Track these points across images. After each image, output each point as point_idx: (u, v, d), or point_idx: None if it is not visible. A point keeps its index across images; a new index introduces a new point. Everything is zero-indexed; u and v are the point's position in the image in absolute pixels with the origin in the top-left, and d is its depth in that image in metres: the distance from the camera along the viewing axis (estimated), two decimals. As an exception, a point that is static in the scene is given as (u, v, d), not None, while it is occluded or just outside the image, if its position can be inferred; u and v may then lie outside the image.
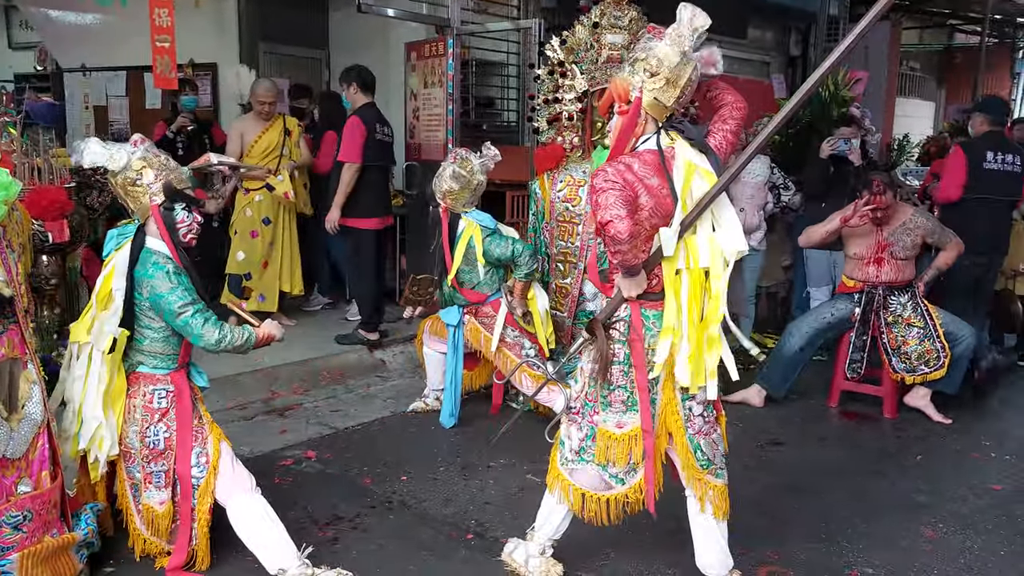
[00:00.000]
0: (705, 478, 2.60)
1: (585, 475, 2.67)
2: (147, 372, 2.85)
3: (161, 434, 2.83)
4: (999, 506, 3.57)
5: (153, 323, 2.81)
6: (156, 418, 2.83)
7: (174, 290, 2.76)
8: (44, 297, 4.21)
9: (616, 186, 2.37)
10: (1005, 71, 12.80)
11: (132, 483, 2.85)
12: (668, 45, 2.42)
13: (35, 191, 4.02)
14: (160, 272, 2.76)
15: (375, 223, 5.35)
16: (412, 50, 6.05)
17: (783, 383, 4.78)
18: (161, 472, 2.84)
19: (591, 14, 4.52)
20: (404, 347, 5.58)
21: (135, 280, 2.78)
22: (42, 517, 2.58)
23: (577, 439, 2.69)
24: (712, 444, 2.62)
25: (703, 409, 2.60)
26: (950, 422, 4.56)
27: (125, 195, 2.84)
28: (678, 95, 2.46)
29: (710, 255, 2.48)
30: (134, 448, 2.82)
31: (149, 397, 2.83)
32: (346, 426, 4.32)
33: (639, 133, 2.52)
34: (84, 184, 4.56)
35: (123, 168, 2.79)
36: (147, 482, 2.84)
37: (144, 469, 2.83)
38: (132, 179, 2.80)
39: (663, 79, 2.43)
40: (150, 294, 2.76)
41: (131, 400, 2.83)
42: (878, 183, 4.48)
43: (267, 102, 5.49)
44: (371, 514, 3.31)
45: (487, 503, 3.43)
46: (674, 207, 2.46)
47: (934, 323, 4.54)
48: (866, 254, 4.61)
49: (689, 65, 2.44)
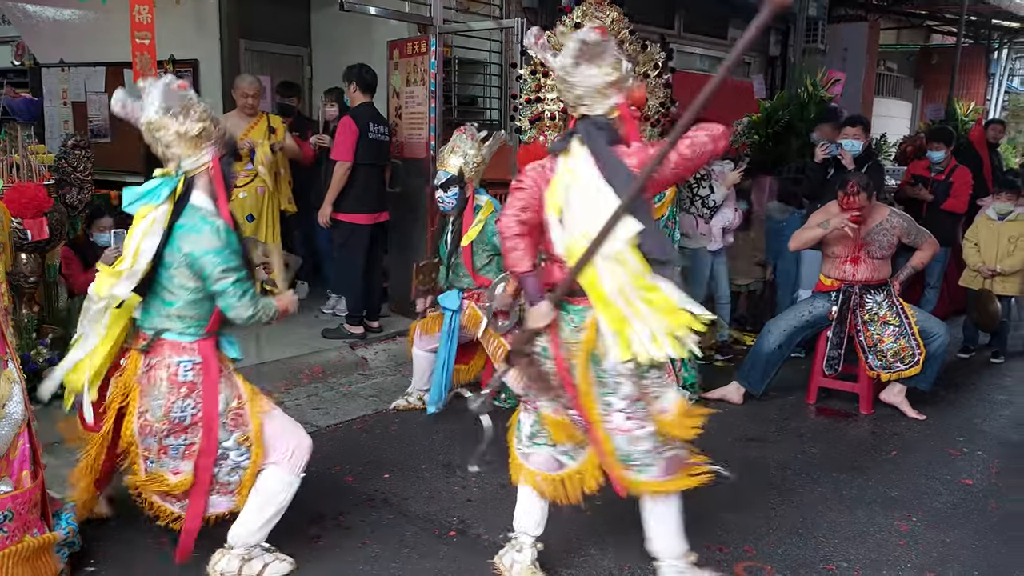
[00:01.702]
0: (623, 474, 2.61)
1: (539, 457, 2.76)
2: (173, 339, 2.68)
3: (188, 410, 2.68)
4: (970, 500, 3.65)
5: (187, 283, 2.63)
6: (183, 392, 2.67)
7: (221, 250, 2.59)
8: (23, 295, 4.19)
9: (521, 186, 2.60)
10: (980, 72, 12.98)
11: (146, 455, 2.73)
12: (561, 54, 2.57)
13: (14, 189, 4.00)
14: (208, 227, 2.59)
15: (366, 218, 5.44)
16: (395, 48, 6.05)
17: (762, 380, 4.84)
18: (181, 445, 2.70)
19: (573, 15, 4.55)
20: (387, 345, 5.60)
21: (173, 235, 2.61)
22: (22, 517, 2.57)
23: (528, 425, 2.78)
24: (633, 440, 2.58)
25: (626, 404, 2.57)
26: (924, 418, 4.63)
27: (177, 143, 2.62)
28: (578, 93, 2.55)
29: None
30: (155, 421, 2.68)
31: (174, 369, 2.67)
32: (328, 424, 4.33)
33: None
34: (63, 181, 4.53)
35: (189, 116, 2.61)
36: (162, 453, 2.71)
37: (162, 441, 2.70)
38: (193, 130, 2.61)
39: (560, 81, 2.60)
40: (192, 250, 2.58)
41: (154, 372, 2.68)
42: (852, 185, 4.54)
43: (250, 94, 5.48)
44: (354, 512, 3.33)
45: (469, 500, 3.46)
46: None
47: (909, 321, 4.61)
48: (843, 253, 4.68)
49: (576, 69, 2.51)
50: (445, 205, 4.33)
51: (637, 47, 4.60)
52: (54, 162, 4.57)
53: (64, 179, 4.54)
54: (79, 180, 4.61)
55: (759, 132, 6.65)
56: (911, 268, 4.76)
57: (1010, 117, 14.25)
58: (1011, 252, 5.64)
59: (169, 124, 2.59)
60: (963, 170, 6.26)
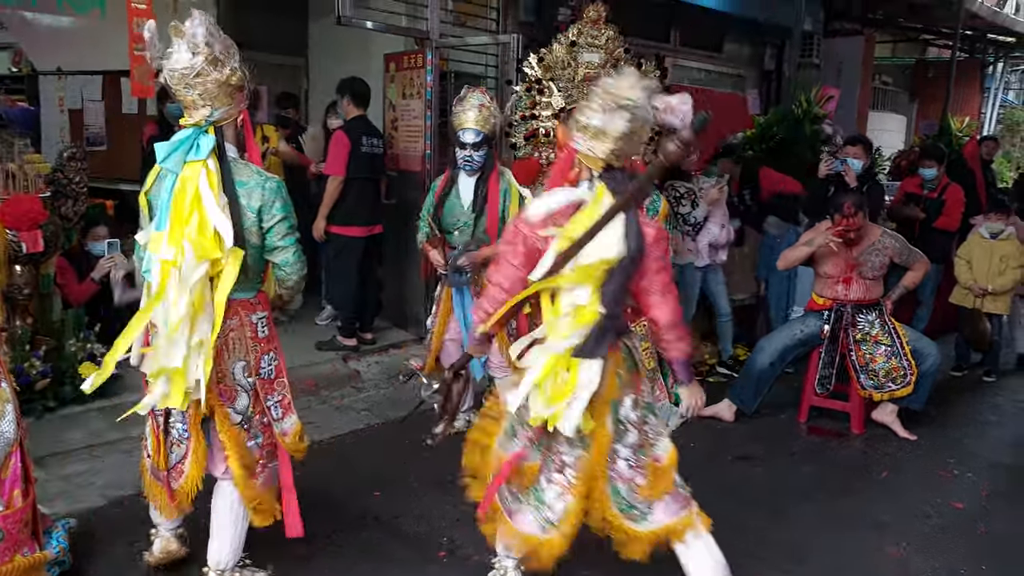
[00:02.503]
0: (623, 523, 2.57)
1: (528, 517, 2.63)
2: (242, 298, 2.62)
3: (272, 363, 2.70)
4: (961, 524, 3.66)
5: (253, 240, 2.59)
6: (264, 347, 2.68)
7: (285, 207, 2.59)
8: (17, 307, 4.19)
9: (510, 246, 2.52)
10: (975, 86, 13.05)
11: (237, 425, 2.65)
12: (595, 99, 2.39)
13: (9, 201, 4.01)
14: (272, 183, 2.58)
15: (360, 231, 5.47)
16: (391, 61, 6.07)
17: (753, 398, 4.85)
18: (277, 400, 2.73)
19: (568, 33, 4.59)
20: (380, 357, 5.61)
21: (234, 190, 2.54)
22: (13, 536, 2.57)
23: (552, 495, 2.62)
24: (634, 488, 2.56)
25: (631, 452, 2.56)
26: (916, 438, 4.65)
27: (216, 92, 2.51)
28: (612, 147, 2.39)
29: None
30: (241, 386, 2.64)
31: (253, 326, 2.65)
32: (320, 439, 4.32)
33: (573, 178, 2.52)
34: (59, 193, 4.53)
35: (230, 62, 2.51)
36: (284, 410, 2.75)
37: (264, 402, 2.68)
38: (234, 78, 2.52)
39: (591, 133, 2.40)
40: (261, 206, 2.56)
41: (233, 333, 2.61)
42: (848, 205, 4.57)
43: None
44: (344, 530, 3.33)
45: (459, 520, 3.45)
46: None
47: (901, 341, 4.64)
48: (835, 273, 4.70)
49: (618, 119, 2.36)
50: (472, 164, 4.07)
51: (632, 66, 4.63)
52: (50, 174, 4.57)
53: (59, 191, 4.54)
54: (74, 192, 4.60)
55: (754, 148, 6.67)
56: (903, 288, 4.79)
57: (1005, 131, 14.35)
58: (1002, 271, 5.67)
59: (210, 71, 2.48)
60: (955, 188, 6.29)
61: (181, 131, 2.56)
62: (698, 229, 5.46)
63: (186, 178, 2.52)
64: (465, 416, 4.43)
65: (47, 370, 4.09)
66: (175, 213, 2.50)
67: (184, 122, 2.57)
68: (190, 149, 2.53)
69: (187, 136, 2.54)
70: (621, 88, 2.36)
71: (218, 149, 2.55)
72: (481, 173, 4.09)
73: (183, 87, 2.51)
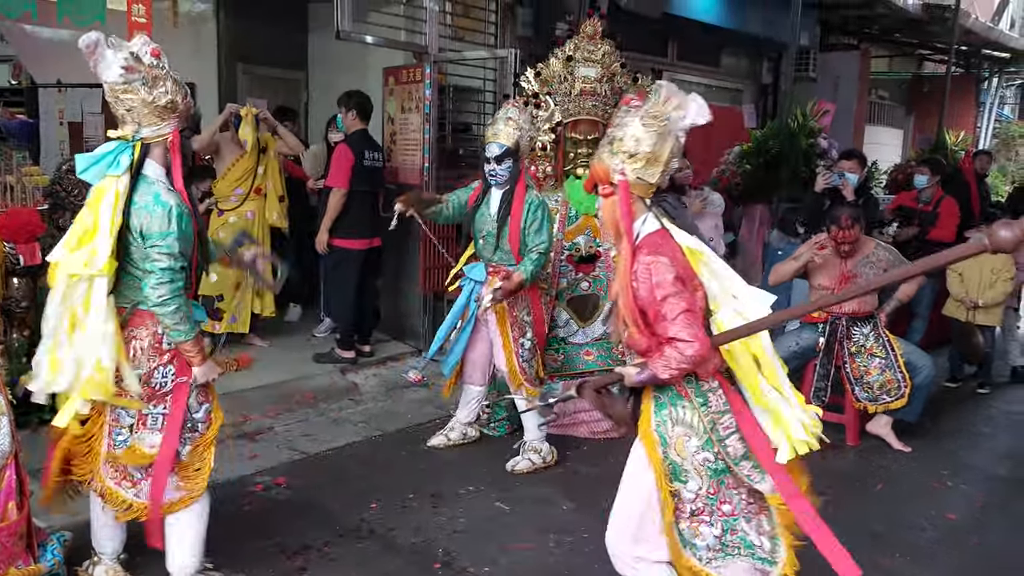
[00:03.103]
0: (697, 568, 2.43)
1: (734, 568, 2.46)
2: (148, 310, 2.66)
3: (169, 376, 2.71)
4: (954, 536, 3.68)
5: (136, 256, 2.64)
6: (166, 359, 2.70)
7: (166, 234, 2.58)
8: (14, 319, 4.20)
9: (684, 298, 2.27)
10: (971, 101, 13.13)
11: (116, 427, 2.70)
12: (644, 126, 2.30)
13: (7, 214, 4.03)
14: (161, 209, 2.58)
15: (359, 243, 5.51)
16: (390, 75, 6.12)
17: (749, 411, 4.86)
18: (160, 415, 2.71)
19: (565, 47, 4.62)
20: (377, 370, 5.62)
21: (129, 211, 2.58)
22: (8, 549, 2.58)
23: (712, 536, 2.44)
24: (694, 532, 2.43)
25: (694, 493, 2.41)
26: (910, 450, 4.66)
27: (141, 110, 2.58)
28: (662, 170, 2.35)
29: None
30: (132, 392, 2.66)
31: (159, 337, 2.68)
32: (317, 451, 4.34)
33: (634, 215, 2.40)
34: (57, 205, 4.55)
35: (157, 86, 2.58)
36: (141, 424, 2.70)
37: (141, 411, 2.70)
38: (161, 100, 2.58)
39: (643, 159, 2.32)
40: (142, 227, 2.58)
41: (136, 342, 2.67)
42: (846, 218, 4.59)
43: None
44: (340, 543, 3.34)
45: (456, 532, 3.47)
46: (705, 302, 2.39)
47: (895, 354, 4.66)
48: (830, 285, 4.72)
49: (669, 139, 2.32)
50: (497, 179, 4.01)
51: (628, 80, 4.67)
52: (48, 186, 4.59)
53: (58, 203, 4.56)
54: (73, 204, 4.61)
55: (750, 161, 6.72)
56: (896, 301, 4.81)
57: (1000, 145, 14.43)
58: (992, 284, 5.69)
59: (138, 90, 2.56)
60: (950, 200, 6.33)
61: (105, 144, 2.63)
62: None
63: (99, 190, 2.61)
64: (461, 430, 4.45)
65: (44, 382, 4.09)
66: (77, 221, 2.61)
67: (113, 134, 2.66)
68: (111, 163, 2.60)
69: (112, 149, 2.61)
70: (663, 107, 2.30)
71: (135, 167, 2.61)
72: (510, 185, 4.06)
73: (112, 99, 2.60)
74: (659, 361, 2.29)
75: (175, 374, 2.72)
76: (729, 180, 6.60)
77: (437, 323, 5.97)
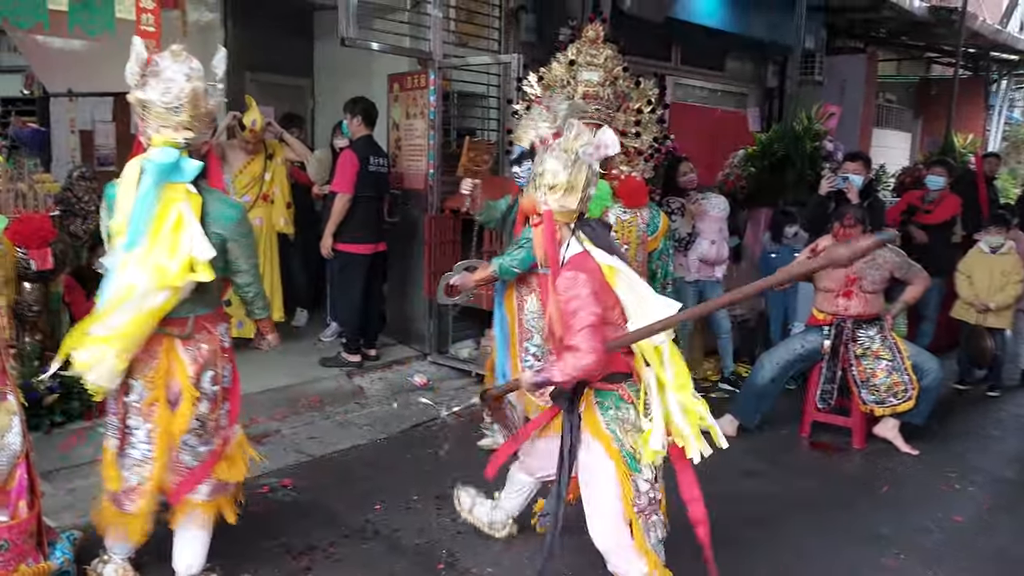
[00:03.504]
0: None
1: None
2: (208, 313, 2.78)
3: (229, 373, 2.86)
4: (961, 538, 3.67)
5: (218, 263, 2.71)
6: (227, 357, 2.84)
7: (249, 234, 2.79)
8: (26, 324, 4.25)
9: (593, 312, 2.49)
10: (979, 103, 13.08)
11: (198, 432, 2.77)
12: (556, 159, 2.59)
13: (19, 220, 4.08)
14: (237, 211, 2.75)
15: (366, 248, 5.55)
16: (395, 81, 6.16)
17: (755, 413, 4.87)
18: (224, 413, 2.85)
19: (568, 52, 4.65)
20: (383, 373, 5.65)
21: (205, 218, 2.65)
22: (18, 547, 2.62)
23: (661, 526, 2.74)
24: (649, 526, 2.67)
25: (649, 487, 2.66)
26: (917, 453, 4.65)
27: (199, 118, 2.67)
28: (580, 196, 2.60)
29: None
30: (205, 393, 2.76)
31: (220, 338, 2.81)
32: (323, 453, 4.37)
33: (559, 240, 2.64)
34: (69, 212, 4.61)
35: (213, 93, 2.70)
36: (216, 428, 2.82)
37: (217, 410, 2.81)
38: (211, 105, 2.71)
39: (561, 189, 2.58)
40: (226, 233, 2.70)
41: (203, 348, 2.75)
42: (849, 217, 4.61)
43: (251, 141, 5.64)
44: (345, 544, 3.36)
45: (459, 533, 3.49)
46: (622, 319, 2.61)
47: (902, 356, 4.65)
48: (835, 287, 4.73)
49: (583, 168, 2.59)
50: (521, 180, 4.05)
51: (631, 83, 4.69)
52: (60, 192, 4.65)
53: (69, 209, 4.62)
54: (84, 210, 4.68)
55: (755, 165, 6.72)
56: (903, 303, 4.81)
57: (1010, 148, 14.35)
58: (1003, 287, 5.68)
59: (201, 97, 2.66)
60: (952, 196, 6.32)
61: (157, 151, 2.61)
62: (687, 244, 5.52)
63: (169, 200, 2.59)
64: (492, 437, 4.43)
65: (55, 386, 4.14)
66: (154, 235, 2.57)
67: (161, 140, 2.63)
68: (175, 170, 2.62)
69: (176, 159, 2.62)
70: (572, 143, 2.59)
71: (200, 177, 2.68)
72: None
73: (171, 110, 2.61)
74: (556, 365, 2.56)
75: (232, 370, 2.88)
76: (734, 184, 6.59)
77: (442, 327, 6.05)
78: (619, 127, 4.54)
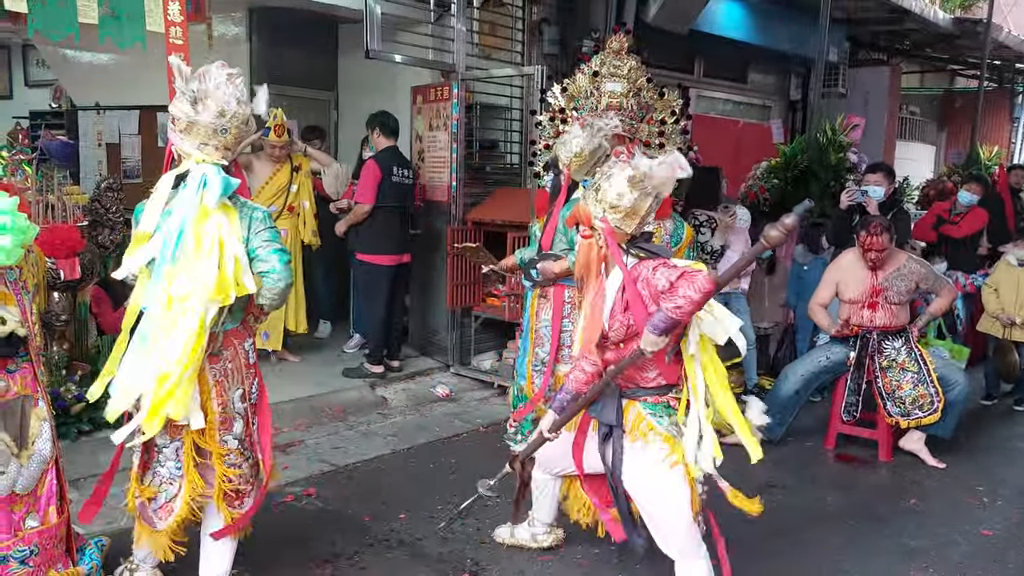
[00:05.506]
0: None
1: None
2: (235, 328, 2.75)
3: (255, 388, 2.82)
4: (990, 552, 3.61)
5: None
6: (252, 372, 2.81)
7: (272, 228, 2.73)
8: (54, 333, 4.30)
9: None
10: (1005, 115, 12.97)
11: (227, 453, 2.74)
12: (629, 185, 2.55)
13: (48, 230, 4.14)
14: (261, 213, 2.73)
15: (389, 259, 5.59)
16: (418, 94, 6.21)
17: (779, 426, 4.82)
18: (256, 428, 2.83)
19: (592, 63, 4.66)
20: (406, 384, 5.67)
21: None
22: (48, 552, 2.65)
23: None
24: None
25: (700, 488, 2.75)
26: (944, 466, 4.59)
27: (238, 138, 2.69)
28: (639, 222, 2.59)
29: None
30: (238, 412, 2.74)
31: (245, 354, 2.78)
32: (346, 463, 4.38)
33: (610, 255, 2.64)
34: (96, 222, 4.68)
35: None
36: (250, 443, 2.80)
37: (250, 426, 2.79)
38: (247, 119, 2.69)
39: (623, 212, 2.57)
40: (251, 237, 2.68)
41: (230, 363, 2.72)
42: (876, 225, 4.56)
43: (277, 146, 5.67)
44: (369, 552, 3.37)
45: (483, 543, 3.48)
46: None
47: (928, 368, 4.59)
48: (861, 299, 4.69)
49: (648, 198, 2.58)
50: (548, 189, 4.23)
51: (654, 94, 4.69)
52: (88, 203, 4.72)
53: (97, 220, 4.69)
54: (111, 221, 4.76)
55: (779, 176, 6.69)
56: (929, 315, 4.76)
57: (1036, 160, 14.18)
58: (1030, 301, 5.60)
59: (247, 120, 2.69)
60: (979, 210, 6.27)
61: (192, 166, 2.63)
62: (716, 257, 5.49)
63: (207, 215, 2.60)
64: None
65: (82, 395, 4.18)
66: (196, 250, 2.57)
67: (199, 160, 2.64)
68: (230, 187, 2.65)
69: (227, 177, 2.64)
70: (648, 175, 2.55)
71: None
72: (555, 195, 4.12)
73: (218, 131, 2.62)
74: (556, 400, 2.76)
75: (258, 384, 2.84)
76: (757, 195, 6.57)
77: (464, 339, 6.06)
78: (643, 138, 4.54)
